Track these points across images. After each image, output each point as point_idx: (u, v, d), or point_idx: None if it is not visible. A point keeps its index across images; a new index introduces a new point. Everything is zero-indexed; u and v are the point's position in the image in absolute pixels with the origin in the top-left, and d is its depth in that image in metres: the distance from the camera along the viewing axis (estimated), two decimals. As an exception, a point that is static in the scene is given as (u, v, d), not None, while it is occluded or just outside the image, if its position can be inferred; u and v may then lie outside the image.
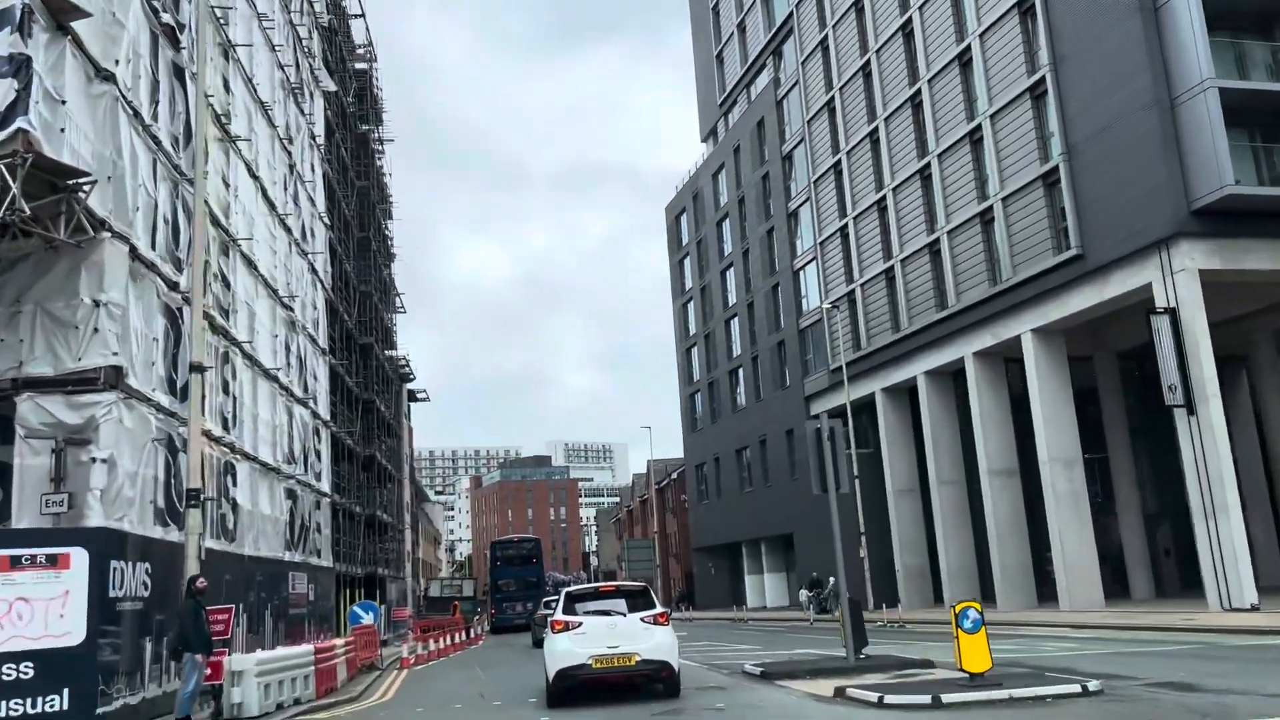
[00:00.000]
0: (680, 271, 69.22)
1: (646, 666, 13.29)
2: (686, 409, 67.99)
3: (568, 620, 13.66)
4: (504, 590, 50.58)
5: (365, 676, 21.46)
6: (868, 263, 44.16)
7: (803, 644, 24.88)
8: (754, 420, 56.35)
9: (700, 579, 66.33)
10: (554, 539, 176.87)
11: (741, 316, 58.28)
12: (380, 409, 43.83)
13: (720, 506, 61.95)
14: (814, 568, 47.44)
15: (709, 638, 30.56)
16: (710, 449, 63.36)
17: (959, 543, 39.34)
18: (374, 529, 41.63)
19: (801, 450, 50.49)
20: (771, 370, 54.06)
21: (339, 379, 36.10)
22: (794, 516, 51.28)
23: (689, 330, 67.88)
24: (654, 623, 13.74)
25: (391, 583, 45.92)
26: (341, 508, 35.03)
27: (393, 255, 52.39)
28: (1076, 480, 33.33)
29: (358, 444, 39.28)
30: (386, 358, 48.18)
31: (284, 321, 27.12)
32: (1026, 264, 33.63)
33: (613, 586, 15.60)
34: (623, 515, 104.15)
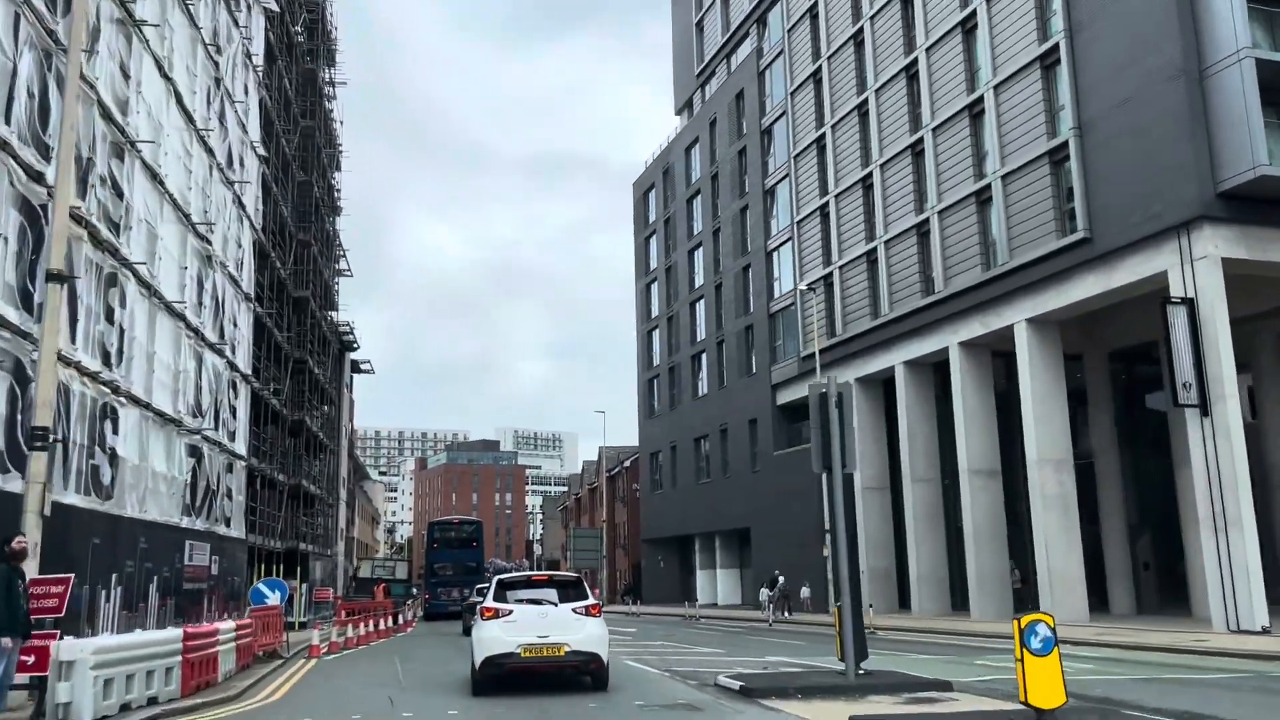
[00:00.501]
0: (645, 250, 66.13)
1: (576, 657, 13.12)
2: (644, 394, 64.99)
3: (498, 607, 13.37)
4: (440, 574, 47.21)
5: (261, 667, 18.15)
6: (848, 244, 41.43)
7: (772, 649, 21.98)
8: (715, 408, 53.50)
9: (648, 572, 63.46)
10: (498, 525, 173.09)
11: (708, 299, 55.37)
12: (314, 372, 40.24)
13: (674, 497, 59.06)
14: (771, 565, 44.72)
15: (663, 637, 27.58)
16: (667, 437, 60.43)
17: (931, 546, 36.79)
18: (300, 501, 38.09)
19: (764, 441, 47.79)
20: (738, 356, 51.23)
21: (266, 332, 32.55)
22: (752, 511, 48.54)
23: (651, 312, 64.85)
24: (586, 614, 13.52)
25: (317, 560, 42.38)
26: (260, 474, 31.51)
27: (339, 208, 48.66)
28: (1066, 484, 30.86)
29: (285, 407, 35.72)
30: (325, 318, 44.54)
31: (198, 254, 23.60)
32: (1025, 248, 31.05)
33: (545, 575, 15.23)
34: (570, 503, 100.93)
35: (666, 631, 30.88)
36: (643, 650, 21.73)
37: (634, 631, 30.96)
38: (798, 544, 43.52)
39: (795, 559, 43.16)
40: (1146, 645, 21.42)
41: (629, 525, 69.12)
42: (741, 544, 53.24)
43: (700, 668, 16.93)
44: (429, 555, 48.68)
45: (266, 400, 32.23)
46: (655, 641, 24.96)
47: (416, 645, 26.77)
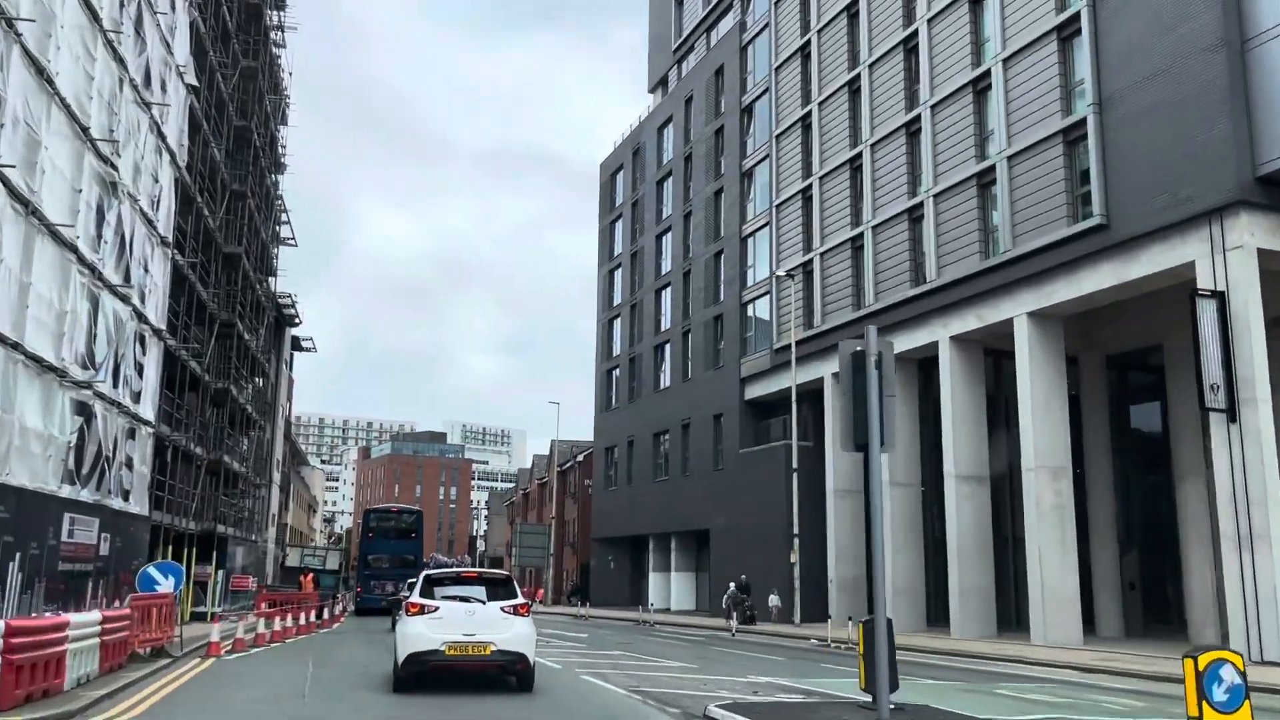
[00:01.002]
0: (610, 235, 63.03)
1: (502, 657, 12.84)
2: (601, 386, 61.87)
3: (424, 603, 13.02)
4: (374, 567, 43.67)
5: (137, 669, 14.80)
6: (832, 229, 38.73)
7: (751, 665, 19.03)
8: (678, 402, 50.58)
9: (598, 573, 60.34)
10: (441, 519, 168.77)
11: (675, 286, 52.44)
12: (245, 338, 36.58)
13: (629, 495, 56.02)
14: (732, 570, 41.85)
15: (619, 645, 24.51)
16: (624, 431, 57.38)
17: (909, 556, 34.18)
18: (220, 479, 34.43)
19: (730, 438, 44.97)
20: (705, 347, 48.35)
21: (188, 286, 28.97)
22: (713, 511, 45.67)
23: (613, 300, 61.74)
24: (514, 613, 13.21)
25: (239, 546, 38.67)
26: (173, 445, 27.92)
27: (282, 165, 44.90)
28: (1064, 493, 28.36)
29: (208, 373, 32.10)
30: (262, 283, 40.84)
31: (99, 178, 20.09)
32: (1031, 235, 28.52)
33: (474, 573, 14.88)
34: (517, 499, 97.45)
35: (622, 639, 27.83)
36: (599, 661, 18.67)
37: (585, 637, 27.88)
38: (762, 548, 40.71)
39: (759, 564, 40.36)
40: (1169, 676, 18.81)
41: (579, 523, 65.95)
42: (700, 546, 50.34)
43: (675, 688, 13.93)
44: (364, 545, 45.09)
45: (184, 362, 28.65)
46: (611, 650, 21.90)
47: (338, 644, 23.45)
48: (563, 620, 41.98)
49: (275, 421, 63.06)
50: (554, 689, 13.85)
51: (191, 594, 31.85)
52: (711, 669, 17.72)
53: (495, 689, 13.32)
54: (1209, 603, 28.91)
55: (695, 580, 50.87)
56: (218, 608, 33.93)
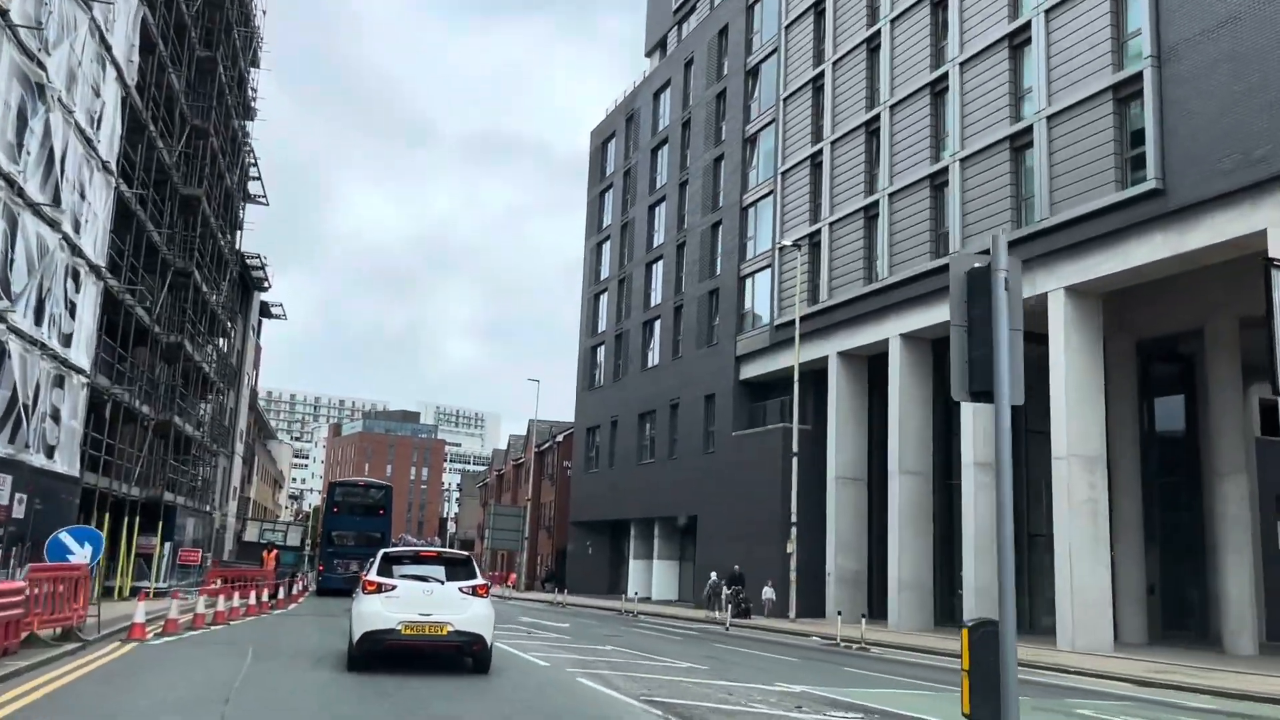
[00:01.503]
0: (599, 206, 60.13)
1: (459, 638, 12.46)
2: (585, 363, 59.06)
3: (381, 582, 12.72)
4: (338, 544, 40.69)
5: (34, 653, 12.00)
6: (843, 197, 36.08)
7: (769, 668, 16.38)
8: (667, 381, 47.87)
9: (574, 558, 57.62)
10: (411, 500, 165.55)
11: (668, 260, 49.68)
12: (203, 291, 33.50)
13: (610, 478, 53.30)
14: (720, 559, 39.33)
15: (608, 639, 21.81)
16: (608, 411, 54.63)
17: (917, 549, 31.70)
18: (171, 443, 31.39)
19: (723, 420, 42.31)
20: (698, 324, 45.64)
21: (137, 225, 25.91)
22: (702, 497, 43.06)
23: (600, 274, 58.89)
24: (473, 594, 12.80)
25: (191, 517, 35.60)
26: (114, 400, 24.89)
27: (252, 110, 41.63)
28: (1098, 486, 25.93)
29: (160, 325, 29.06)
30: (224, 234, 37.66)
31: (20, 75, 17.07)
32: (1073, 202, 25.99)
33: (434, 552, 14.61)
34: (491, 480, 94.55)
35: (609, 631, 25.13)
36: (593, 659, 15.97)
37: (567, 628, 25.17)
38: (754, 538, 38.14)
39: (750, 554, 37.80)
40: (1231, 691, 16.32)
41: (556, 506, 63.17)
42: (684, 534, 47.73)
43: (698, 699, 11.24)
44: (328, 520, 42.09)
45: (130, 309, 25.59)
46: (602, 645, 19.18)
47: (289, 628, 20.62)
48: (539, 608, 39.26)
49: (240, 390, 59.88)
50: (550, 699, 11.16)
51: (132, 567, 28.88)
52: (728, 672, 15.04)
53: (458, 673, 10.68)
54: (1246, 610, 26.64)
55: (679, 569, 48.29)
56: (162, 583, 30.97)
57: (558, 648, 18.15)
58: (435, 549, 15.82)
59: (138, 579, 30.24)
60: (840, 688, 13.52)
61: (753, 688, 12.80)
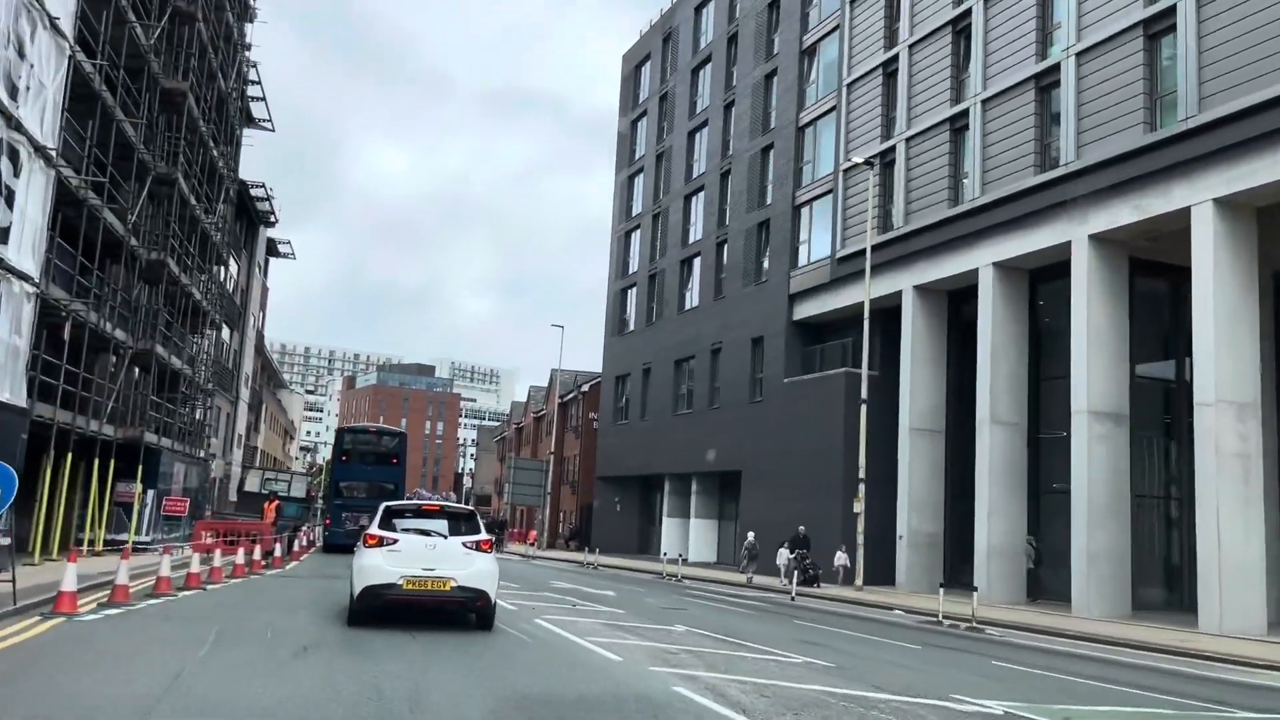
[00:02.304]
0: (631, 136, 55.47)
1: (462, 593, 12.07)
2: (614, 307, 54.76)
3: (382, 535, 12.29)
4: (347, 496, 36.86)
5: None
6: (923, 109, 31.47)
7: (908, 662, 12.26)
8: (708, 324, 43.58)
9: (600, 515, 53.76)
10: (426, 455, 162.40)
11: (710, 190, 45.15)
12: (192, 204, 29.27)
13: (642, 430, 49.23)
14: (766, 518, 35.42)
15: (673, 614, 17.79)
16: (639, 357, 50.42)
17: (1010, 512, 27.49)
18: (154, 377, 27.36)
19: (773, 365, 38.09)
20: (744, 260, 41.23)
21: (102, 111, 21.63)
22: (746, 451, 38.96)
23: (632, 209, 54.41)
24: (476, 548, 12.38)
25: (183, 463, 31.63)
26: (74, 318, 20.79)
27: (251, 10, 37.10)
28: (1250, 438, 21.66)
29: (136, 238, 24.90)
30: (217, 143, 33.29)
31: None
32: (1229, 94, 21.39)
33: (437, 505, 14.16)
34: (509, 434, 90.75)
35: (664, 602, 21.07)
36: (675, 651, 11.89)
37: (614, 597, 21.14)
38: (809, 496, 34.07)
39: (805, 514, 33.74)
40: None
41: (581, 460, 59.24)
42: (724, 490, 43.76)
43: None
44: (335, 470, 38.20)
45: (95, 212, 21.40)
46: (672, 627, 15.07)
47: (278, 594, 16.62)
48: (569, 569, 35.36)
49: (244, 331, 56.00)
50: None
51: (107, 518, 25.02)
52: (863, 671, 10.92)
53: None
54: None
55: (718, 529, 44.30)
56: (144, 536, 27.13)
57: (617, 628, 14.09)
58: (438, 503, 15.39)
59: (117, 531, 26.44)
60: (1049, 704, 9.36)
61: (921, 704, 8.67)
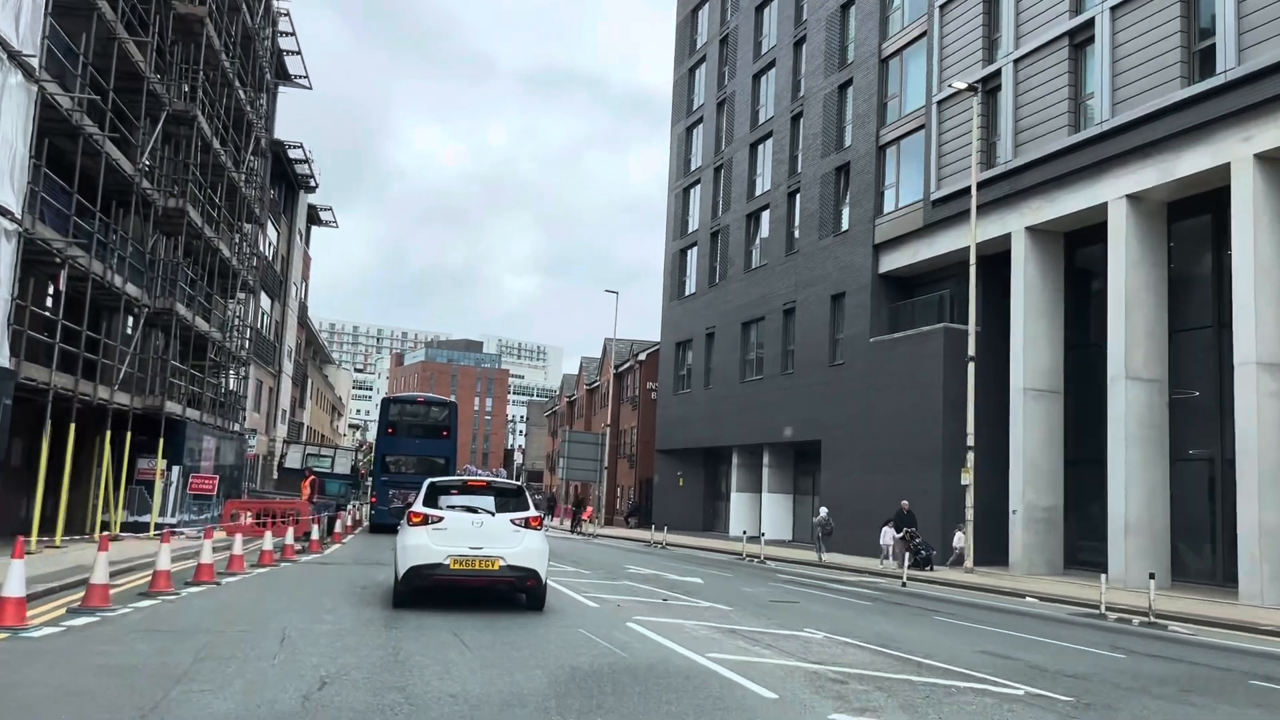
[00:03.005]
0: (688, 85, 51.79)
1: (511, 573, 11.57)
2: (673, 270, 51.33)
3: (427, 513, 11.75)
4: (394, 472, 34.04)
5: None
6: (1036, 23, 27.53)
7: (1127, 676, 8.83)
8: (779, 282, 40.01)
9: (661, 491, 50.63)
10: (475, 431, 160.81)
11: (780, 136, 41.43)
12: (216, 151, 26.36)
13: (706, 399, 45.89)
14: (850, 491, 32.11)
15: (788, 609, 14.58)
16: (701, 321, 47.02)
17: (1149, 481, 23.75)
18: (175, 340, 24.55)
19: (856, 323, 34.52)
20: (821, 210, 37.55)
21: (99, 25, 18.61)
22: (825, 418, 35.49)
23: (690, 164, 50.82)
24: (525, 526, 11.90)
25: (211, 436, 28.90)
26: (69, 264, 17.89)
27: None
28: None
29: (148, 180, 21.97)
30: (244, 87, 30.31)
31: None
32: None
33: (484, 481, 13.46)
34: (561, 407, 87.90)
35: (764, 590, 17.78)
36: (828, 669, 8.63)
37: (704, 586, 17.88)
38: (900, 466, 30.58)
39: (897, 487, 30.30)
40: None
41: (639, 433, 56.09)
42: (800, 462, 40.35)
43: None
44: (380, 444, 35.37)
45: (94, 143, 18.44)
46: (809, 634, 11.67)
47: (306, 591, 13.55)
48: (636, 550, 32.25)
49: (286, 300, 53.50)
50: None
51: (124, 498, 22.31)
52: (1111, 704, 7.51)
53: None
54: None
55: (793, 504, 40.90)
56: (169, 517, 24.41)
57: (737, 636, 10.84)
58: (485, 478, 14.77)
59: (140, 512, 23.76)
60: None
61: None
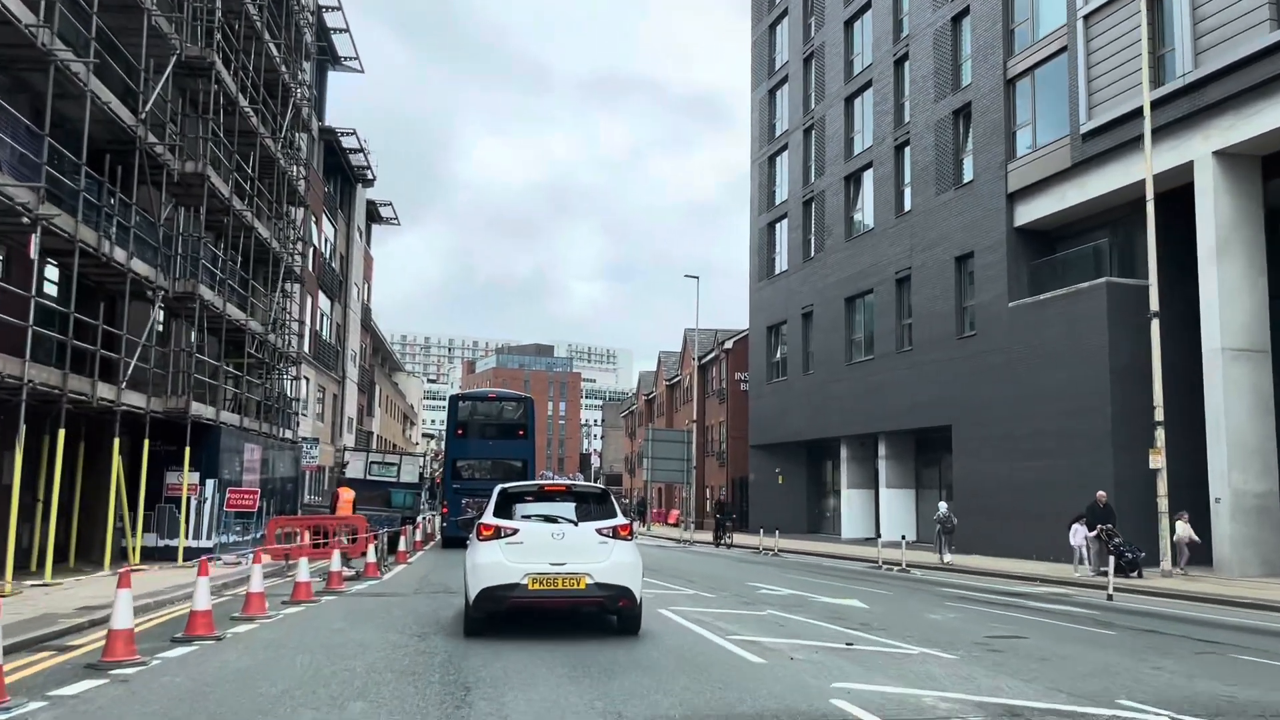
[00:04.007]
0: (768, 44, 47.24)
1: (600, 592, 9.97)
2: (759, 247, 46.83)
3: (499, 525, 10.23)
4: (465, 477, 30.25)
5: None
6: (1218, -100, 22.48)
7: None
8: (889, 249, 35.27)
9: (758, 490, 46.12)
10: (550, 436, 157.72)
11: (880, 86, 36.68)
12: (243, 110, 22.68)
13: (805, 387, 41.26)
14: (992, 481, 27.41)
15: (1013, 645, 10.20)
16: (795, 301, 42.43)
17: None
18: (199, 329, 20.91)
19: (988, 287, 29.72)
20: (936, 161, 32.74)
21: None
22: (955, 399, 30.69)
23: (774, 129, 46.27)
24: (613, 536, 10.24)
25: (254, 444, 25.12)
26: (43, 226, 14.17)
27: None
28: None
29: (154, 135, 18.32)
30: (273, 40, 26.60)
31: None
32: None
33: (562, 486, 11.83)
34: (639, 407, 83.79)
35: (957, 618, 13.27)
36: None
37: (874, 613, 13.49)
38: (1061, 449, 25.73)
39: (1055, 474, 25.52)
40: None
41: (729, 428, 51.61)
42: (922, 451, 35.55)
43: None
44: (451, 447, 31.54)
45: (71, 77, 14.73)
46: (1123, 711, 7.21)
47: (337, 649, 9.46)
48: (745, 559, 27.88)
49: (346, 301, 50.32)
50: None
51: (141, 518, 18.73)
52: None
53: None
54: None
55: (915, 500, 36.04)
56: (205, 540, 20.82)
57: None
58: (563, 482, 12.87)
59: (170, 534, 20.20)
60: None
61: None
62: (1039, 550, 25.55)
